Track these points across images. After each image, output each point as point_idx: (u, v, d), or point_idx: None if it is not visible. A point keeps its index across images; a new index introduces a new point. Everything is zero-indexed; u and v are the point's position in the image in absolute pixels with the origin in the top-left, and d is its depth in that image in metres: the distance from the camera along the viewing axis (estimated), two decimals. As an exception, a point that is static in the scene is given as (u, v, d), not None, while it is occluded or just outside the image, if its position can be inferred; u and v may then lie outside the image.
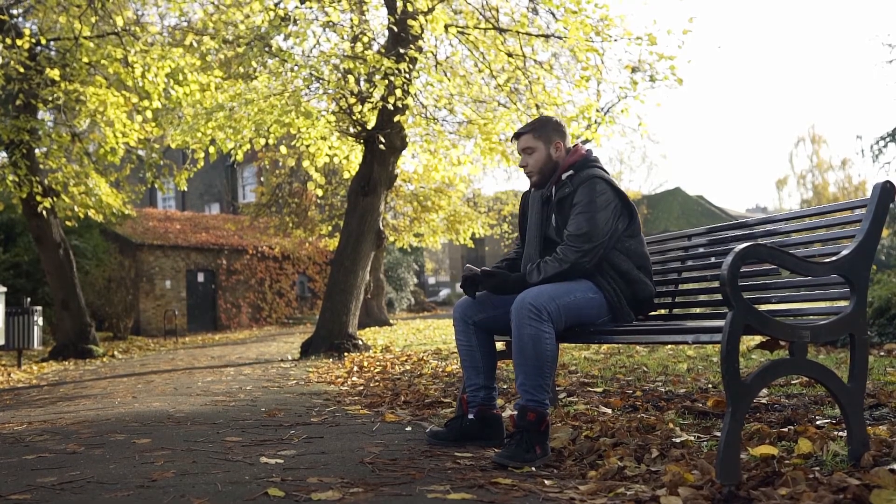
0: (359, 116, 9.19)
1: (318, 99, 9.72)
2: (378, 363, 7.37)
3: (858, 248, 2.31)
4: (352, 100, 9.13)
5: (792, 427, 2.86)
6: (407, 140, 9.83)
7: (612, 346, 7.11)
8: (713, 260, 3.22)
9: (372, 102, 9.10)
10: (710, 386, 4.33)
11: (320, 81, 8.95)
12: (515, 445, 2.70)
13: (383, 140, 9.20)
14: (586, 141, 10.91)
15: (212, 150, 9.39)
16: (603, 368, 5.53)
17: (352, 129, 9.63)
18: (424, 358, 7.56)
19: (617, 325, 2.95)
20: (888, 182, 2.35)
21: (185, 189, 13.04)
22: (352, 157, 10.57)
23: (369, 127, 9.38)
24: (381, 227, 9.91)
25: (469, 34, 9.25)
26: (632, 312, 3.03)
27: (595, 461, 2.61)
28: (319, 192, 11.61)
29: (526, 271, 3.04)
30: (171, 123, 10.58)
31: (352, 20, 9.49)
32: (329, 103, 9.82)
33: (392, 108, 9.01)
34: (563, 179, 3.10)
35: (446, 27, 8.89)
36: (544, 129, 3.21)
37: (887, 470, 2.05)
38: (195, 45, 10.24)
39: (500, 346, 3.38)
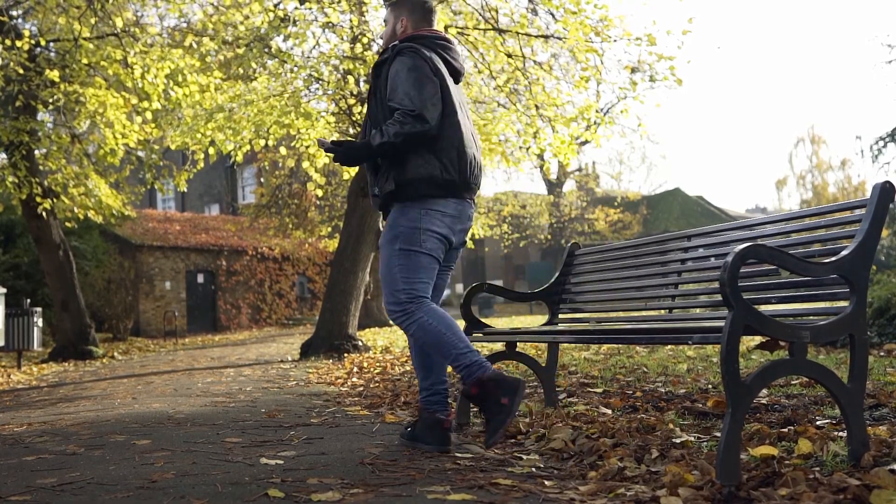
0: (358, 117, 9.19)
1: (317, 100, 9.72)
2: (378, 364, 7.37)
3: (858, 249, 2.31)
4: (351, 100, 9.13)
5: (792, 427, 2.86)
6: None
7: (612, 347, 7.11)
8: (713, 260, 3.23)
9: (372, 103, 9.10)
10: (709, 386, 4.33)
11: (320, 82, 8.95)
12: (490, 423, 2.71)
13: (383, 141, 9.19)
14: (585, 142, 10.92)
15: (211, 151, 9.40)
16: (603, 369, 5.53)
17: (351, 130, 9.63)
18: (424, 359, 7.55)
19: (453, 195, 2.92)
20: (888, 182, 2.35)
21: (185, 190, 13.05)
22: (352, 157, 10.56)
23: (369, 127, 9.38)
24: (381, 228, 9.91)
25: (468, 35, 9.25)
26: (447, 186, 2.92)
27: (595, 462, 2.61)
28: (319, 193, 11.61)
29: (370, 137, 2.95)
30: (171, 124, 10.59)
31: (351, 21, 9.49)
32: (329, 104, 9.82)
33: (392, 109, 9.02)
34: (387, 49, 3.08)
35: (446, 28, 8.88)
36: (398, 5, 3.19)
37: (887, 470, 2.05)
38: (195, 46, 10.25)
39: (499, 346, 3.38)
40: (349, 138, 9.82)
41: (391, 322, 19.87)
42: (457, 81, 3.13)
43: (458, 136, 2.95)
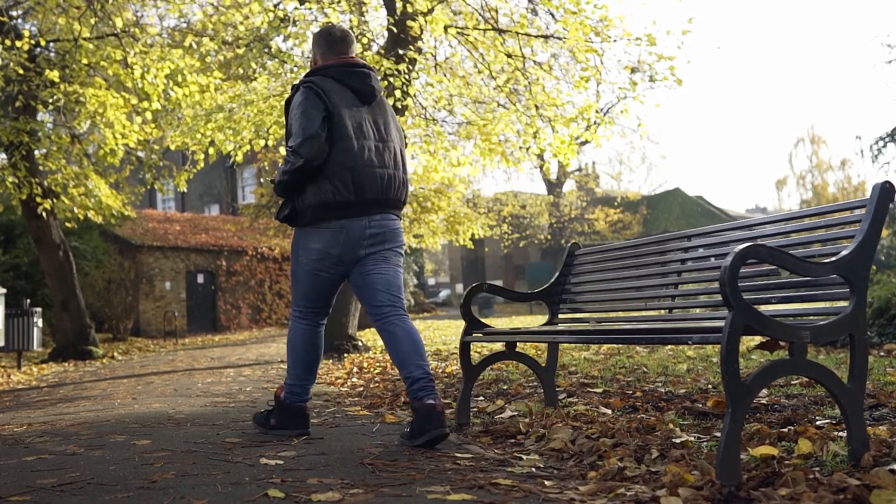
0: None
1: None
2: (378, 364, 7.37)
3: (858, 249, 2.31)
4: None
5: (792, 427, 2.86)
6: (406, 141, 9.83)
7: (612, 347, 7.11)
8: (713, 260, 3.23)
9: (371, 103, 9.10)
10: (709, 386, 4.33)
11: (320, 82, 8.94)
12: (266, 421, 3.51)
13: (383, 141, 9.19)
14: (585, 142, 10.92)
15: (211, 151, 9.40)
16: (603, 369, 5.53)
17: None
18: (424, 359, 7.55)
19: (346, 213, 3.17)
20: (887, 182, 2.35)
21: (185, 190, 13.05)
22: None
23: (369, 128, 9.37)
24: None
25: (468, 35, 9.25)
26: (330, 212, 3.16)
27: (595, 462, 2.61)
28: (319, 193, 11.60)
29: None
30: (171, 125, 10.59)
31: (351, 21, 9.49)
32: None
33: (391, 109, 9.02)
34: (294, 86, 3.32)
35: (446, 28, 8.89)
36: (312, 42, 3.47)
37: (887, 470, 2.05)
38: (194, 46, 10.24)
39: (499, 346, 3.38)
40: None
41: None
42: (367, 102, 3.29)
43: (350, 158, 3.13)
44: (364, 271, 3.26)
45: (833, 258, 2.33)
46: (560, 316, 4.08)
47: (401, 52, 8.64)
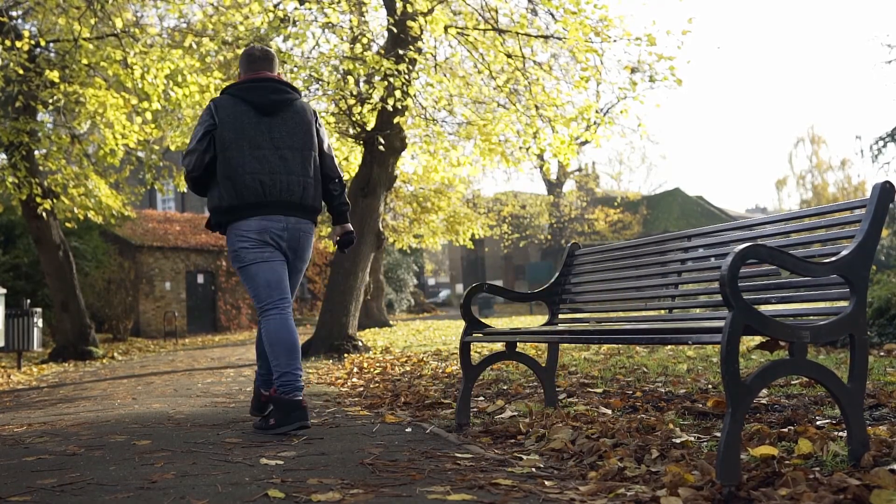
0: (358, 118, 9.19)
1: (317, 100, 9.73)
2: (378, 364, 7.37)
3: (858, 249, 2.31)
4: (351, 101, 9.13)
5: (792, 427, 2.86)
6: (406, 141, 9.84)
7: (612, 347, 7.11)
8: (713, 261, 3.22)
9: (371, 103, 9.10)
10: (709, 386, 4.33)
11: (320, 83, 8.96)
12: (262, 420, 3.60)
13: (383, 141, 9.20)
14: (585, 142, 10.92)
15: (211, 151, 9.38)
16: (603, 369, 5.53)
17: (351, 131, 9.63)
18: (424, 359, 7.56)
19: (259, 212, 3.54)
20: (888, 182, 2.35)
21: (185, 190, 13.04)
22: (351, 158, 10.57)
23: (369, 128, 9.38)
24: (381, 229, 9.91)
25: (468, 35, 9.25)
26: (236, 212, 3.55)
27: (595, 462, 2.61)
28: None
29: None
30: (171, 125, 10.59)
31: (351, 21, 9.49)
32: (329, 104, 9.82)
33: (391, 110, 9.01)
34: None
35: (446, 28, 8.89)
36: (238, 63, 3.85)
37: (887, 470, 2.05)
38: (194, 46, 10.24)
39: (499, 346, 3.39)
40: (350, 140, 9.87)
41: (390, 322, 19.89)
42: (267, 114, 3.60)
43: (229, 168, 3.50)
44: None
45: (833, 258, 2.33)
46: (560, 316, 4.08)
47: (401, 52, 8.64)
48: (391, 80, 8.36)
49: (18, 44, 9.98)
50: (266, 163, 3.51)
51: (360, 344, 9.48)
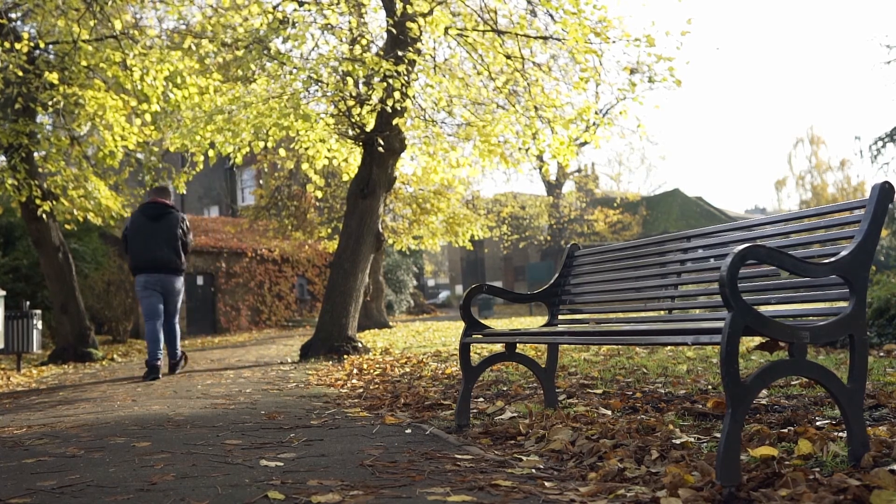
0: (357, 119, 9.19)
1: (316, 101, 9.72)
2: (378, 365, 7.37)
3: (857, 249, 2.32)
4: (350, 102, 9.13)
5: (792, 428, 2.86)
6: (406, 142, 9.83)
7: (612, 348, 7.11)
8: (712, 261, 3.22)
9: (371, 105, 9.10)
10: (709, 387, 4.33)
11: (319, 84, 8.95)
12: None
13: (382, 142, 9.19)
14: (585, 143, 10.92)
15: (211, 153, 9.40)
16: (602, 370, 5.53)
17: (350, 132, 9.63)
18: (424, 360, 7.56)
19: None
20: (887, 183, 2.35)
21: (184, 192, 13.04)
22: (351, 159, 10.57)
23: (368, 129, 9.38)
24: (381, 230, 9.90)
25: (468, 36, 9.25)
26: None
27: (595, 463, 2.61)
28: (318, 195, 11.62)
29: None
30: (170, 126, 10.58)
31: (350, 23, 9.50)
32: (328, 106, 9.82)
33: (391, 111, 9.01)
34: None
35: (446, 29, 8.89)
36: None
37: (887, 471, 2.05)
38: (194, 48, 10.24)
39: (499, 347, 3.38)
40: (349, 141, 9.87)
41: (389, 324, 19.92)
42: (154, 220, 7.57)
43: (135, 249, 7.56)
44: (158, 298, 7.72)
45: (833, 258, 2.34)
46: (560, 317, 4.08)
47: (400, 53, 8.64)
48: (390, 81, 8.36)
49: (18, 46, 9.97)
50: (148, 247, 7.51)
51: (359, 345, 9.47)
